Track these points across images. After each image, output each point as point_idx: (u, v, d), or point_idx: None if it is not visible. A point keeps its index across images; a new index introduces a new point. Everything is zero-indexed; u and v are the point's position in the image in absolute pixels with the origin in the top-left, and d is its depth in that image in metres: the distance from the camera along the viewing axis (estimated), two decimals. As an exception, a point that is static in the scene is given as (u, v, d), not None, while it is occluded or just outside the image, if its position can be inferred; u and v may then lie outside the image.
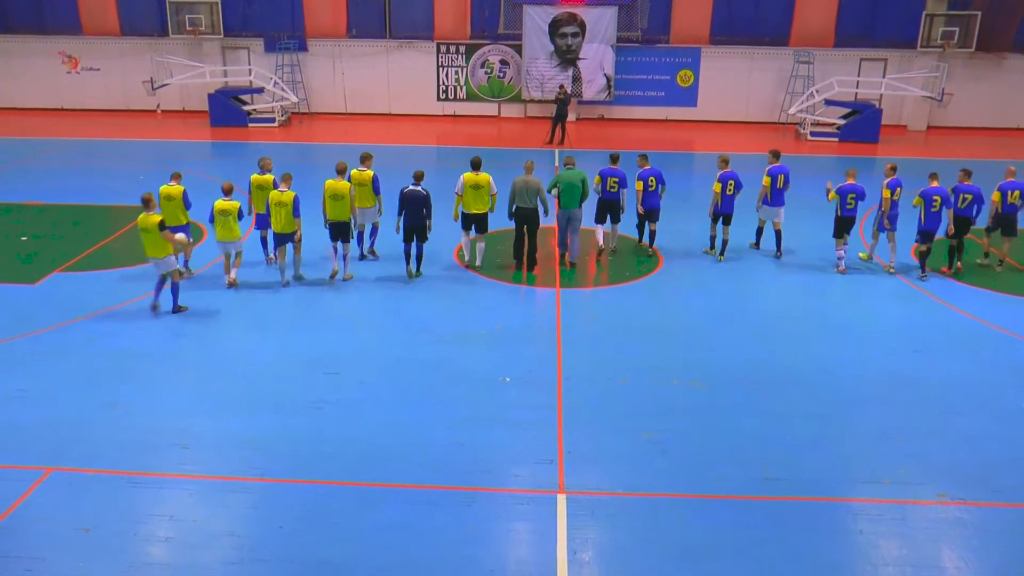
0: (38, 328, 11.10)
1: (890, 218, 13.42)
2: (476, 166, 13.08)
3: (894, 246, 13.59)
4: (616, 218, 14.08)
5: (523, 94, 27.60)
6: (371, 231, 13.92)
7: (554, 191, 13.47)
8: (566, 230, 13.59)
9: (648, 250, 14.31)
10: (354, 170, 13.17)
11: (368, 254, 13.95)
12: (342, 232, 12.70)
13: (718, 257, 14.14)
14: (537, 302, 12.58)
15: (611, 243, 14.39)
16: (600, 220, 14.10)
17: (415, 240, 12.87)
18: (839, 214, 13.46)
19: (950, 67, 25.66)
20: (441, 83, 28.00)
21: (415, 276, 13.09)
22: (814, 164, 21.66)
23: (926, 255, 13.43)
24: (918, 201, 13.20)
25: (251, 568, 6.81)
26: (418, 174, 12.73)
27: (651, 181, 13.86)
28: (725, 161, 13.99)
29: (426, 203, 12.58)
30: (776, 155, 14.23)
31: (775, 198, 14.00)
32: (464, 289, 12.79)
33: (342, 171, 12.72)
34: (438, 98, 28.16)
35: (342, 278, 12.92)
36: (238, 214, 12.28)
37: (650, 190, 13.88)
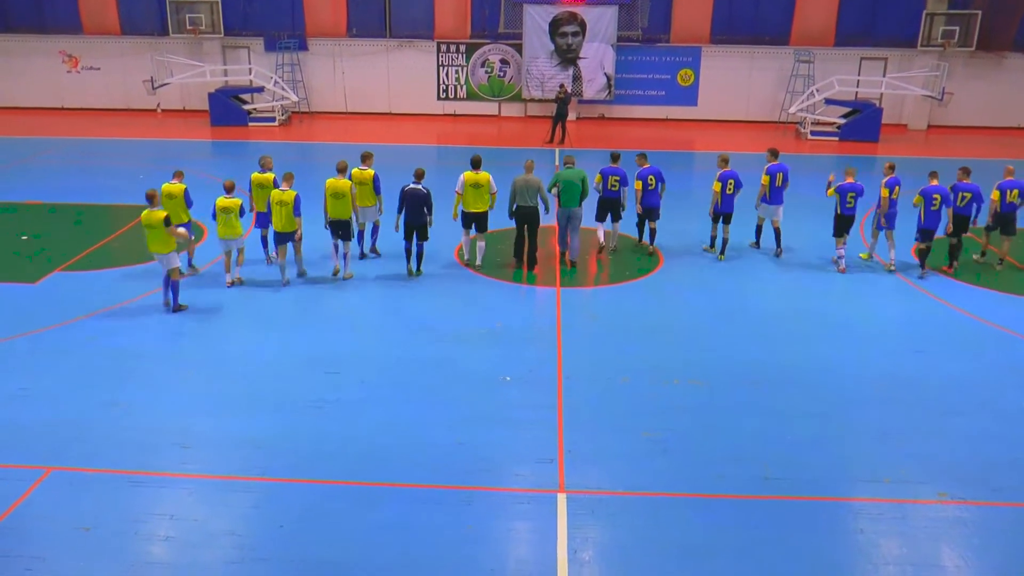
0: (38, 327, 11.11)
1: (888, 216, 13.43)
2: (476, 165, 13.10)
3: (892, 243, 13.61)
4: (617, 216, 14.10)
5: (523, 93, 27.59)
6: (372, 230, 13.95)
7: (554, 190, 13.49)
8: (566, 229, 13.60)
9: (648, 248, 14.32)
10: (355, 169, 13.19)
11: (370, 253, 13.98)
12: (343, 230, 12.73)
13: (718, 256, 14.15)
14: (537, 301, 12.59)
15: (612, 242, 14.41)
16: (601, 218, 14.15)
17: (415, 238, 12.90)
18: (839, 212, 13.48)
19: (950, 66, 25.65)
20: (441, 82, 27.99)
21: (415, 274, 13.10)
22: (814, 163, 21.64)
23: (926, 253, 13.43)
24: (918, 199, 13.20)
25: (251, 567, 6.82)
26: (419, 172, 12.76)
27: (650, 180, 13.87)
28: (725, 160, 14.00)
29: (427, 201, 12.61)
30: (775, 153, 14.23)
31: (774, 196, 14.00)
32: (464, 288, 12.79)
33: (343, 170, 12.74)
34: (438, 97, 28.15)
35: (342, 277, 12.94)
36: (239, 211, 12.32)
37: (650, 188, 13.89)
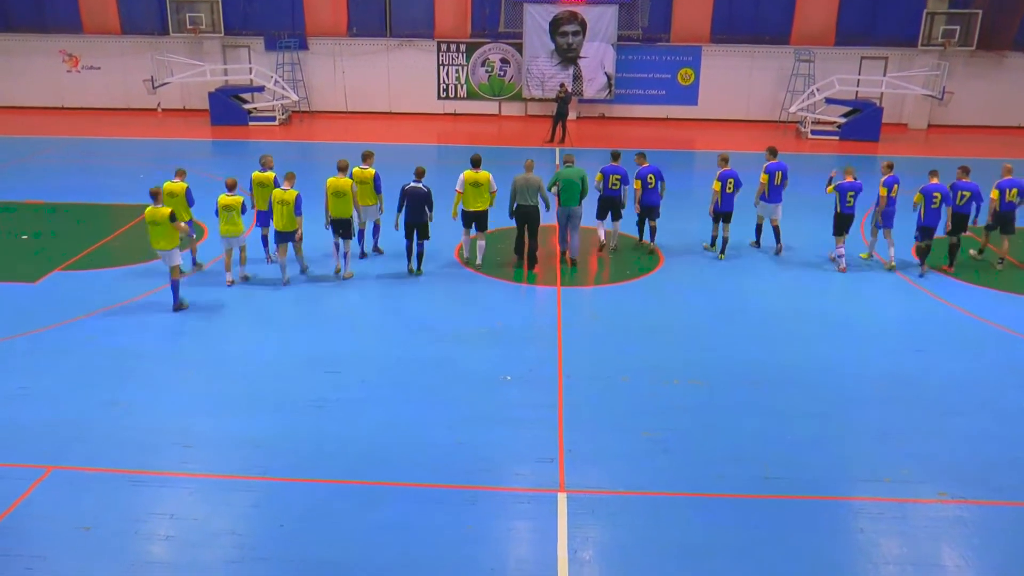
0: (39, 327, 11.11)
1: (885, 215, 13.43)
2: (476, 164, 13.11)
3: (891, 242, 13.60)
4: (617, 215, 14.10)
5: (524, 92, 27.58)
6: (373, 229, 13.95)
7: (554, 189, 13.49)
8: (566, 227, 13.60)
9: (649, 247, 14.32)
10: (356, 168, 13.19)
11: (373, 252, 13.99)
12: (344, 229, 12.74)
13: (719, 255, 14.15)
14: (538, 300, 12.59)
15: (612, 241, 14.41)
16: (601, 217, 14.16)
17: (416, 236, 12.90)
18: (838, 211, 13.48)
19: (951, 65, 25.64)
20: (442, 81, 27.98)
21: (416, 273, 13.11)
22: (815, 163, 21.64)
23: (926, 252, 13.43)
24: (919, 198, 13.20)
25: (252, 567, 6.82)
26: (420, 170, 12.78)
27: (650, 178, 13.87)
28: (725, 159, 14.00)
29: (427, 200, 12.63)
30: (773, 152, 14.22)
31: (773, 195, 14.00)
32: (465, 287, 12.79)
33: (344, 168, 12.75)
34: (439, 96, 28.14)
35: (343, 276, 12.95)
36: (241, 208, 12.34)
37: (649, 187, 13.89)
